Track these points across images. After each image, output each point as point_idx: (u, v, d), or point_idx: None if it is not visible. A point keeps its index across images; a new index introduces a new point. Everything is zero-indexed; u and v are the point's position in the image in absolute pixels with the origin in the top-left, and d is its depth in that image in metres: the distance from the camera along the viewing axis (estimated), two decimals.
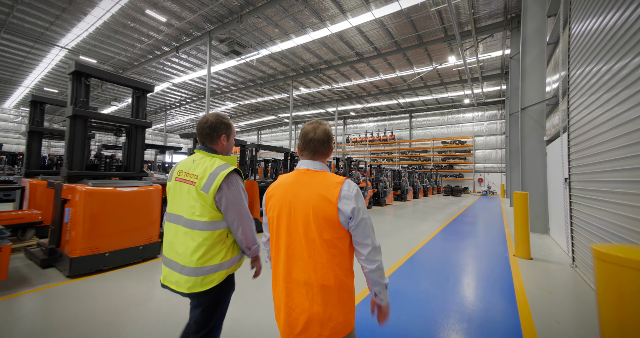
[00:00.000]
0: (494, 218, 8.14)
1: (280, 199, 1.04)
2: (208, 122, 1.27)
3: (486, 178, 21.25)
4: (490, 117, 21.40)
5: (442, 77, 17.20)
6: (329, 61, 14.97)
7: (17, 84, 19.21)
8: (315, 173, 1.04)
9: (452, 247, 4.58)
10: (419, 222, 7.02)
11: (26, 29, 11.77)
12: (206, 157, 1.27)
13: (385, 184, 10.58)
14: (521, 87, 5.74)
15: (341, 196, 0.95)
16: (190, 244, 1.19)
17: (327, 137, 1.06)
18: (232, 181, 1.22)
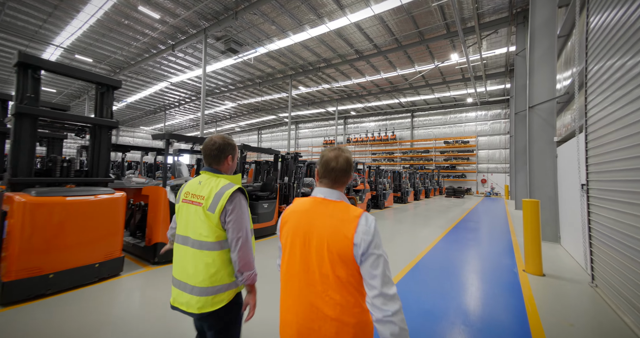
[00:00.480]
0: (499, 223, 7.76)
1: (295, 227, 1.02)
2: (216, 145, 1.31)
3: (489, 178, 20.79)
4: (494, 116, 20.93)
5: (444, 76, 16.78)
6: (328, 59, 14.62)
7: (8, 82, 19.08)
8: (332, 204, 1.00)
9: (454, 259, 4.21)
10: (419, 228, 6.67)
11: (19, 27, 11.55)
12: (212, 178, 1.31)
13: (385, 186, 10.21)
14: (529, 84, 5.36)
15: (358, 231, 0.91)
16: (199, 264, 1.22)
17: (348, 166, 1.03)
18: (235, 200, 1.25)
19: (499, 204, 13.59)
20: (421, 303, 2.67)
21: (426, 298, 2.80)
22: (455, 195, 16.83)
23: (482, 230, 6.58)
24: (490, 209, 11.16)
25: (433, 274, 3.56)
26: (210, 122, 32.92)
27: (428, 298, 2.79)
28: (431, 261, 4.07)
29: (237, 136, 40.44)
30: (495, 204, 13.96)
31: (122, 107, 25.10)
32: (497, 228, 6.90)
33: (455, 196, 16.84)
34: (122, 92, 21.10)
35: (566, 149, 4.49)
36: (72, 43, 13.02)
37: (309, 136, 31.90)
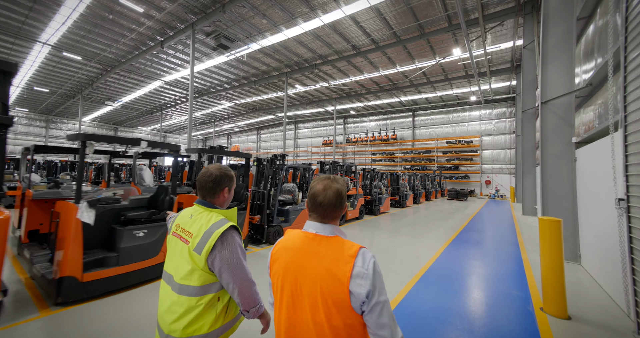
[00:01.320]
0: (506, 234, 6.97)
1: (285, 268, 0.92)
2: (212, 176, 1.20)
3: (494, 180, 19.98)
4: (499, 115, 20.12)
5: (446, 73, 16.04)
6: (324, 56, 13.98)
7: None
8: (325, 240, 0.90)
9: (451, 292, 3.29)
10: (415, 240, 5.95)
11: (1, 23, 11.07)
12: (204, 212, 1.20)
13: (381, 189, 9.49)
14: (541, 76, 4.68)
15: (354, 274, 0.80)
16: (176, 310, 1.09)
17: (339, 200, 0.93)
18: (227, 239, 1.11)
19: (504, 209, 12.81)
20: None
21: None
22: (457, 198, 16.06)
23: (487, 244, 5.79)
24: (496, 215, 10.41)
25: (422, 319, 2.64)
26: (208, 122, 32.47)
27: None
28: (424, 294, 3.21)
29: (236, 136, 39.99)
30: (500, 208, 13.19)
31: (118, 107, 24.71)
32: (504, 241, 6.12)
33: (457, 198, 16.07)
34: (117, 92, 20.68)
35: (589, 152, 3.79)
36: (59, 40, 12.55)
37: (308, 136, 31.30)
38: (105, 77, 16.95)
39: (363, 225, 7.75)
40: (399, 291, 3.28)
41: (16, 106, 24.79)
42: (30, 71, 16.50)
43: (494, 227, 7.78)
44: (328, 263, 0.84)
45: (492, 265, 4.42)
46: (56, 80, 17.97)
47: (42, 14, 10.37)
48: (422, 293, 3.25)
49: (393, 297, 3.14)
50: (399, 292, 3.26)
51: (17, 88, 19.81)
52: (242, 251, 1.14)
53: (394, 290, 3.31)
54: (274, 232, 5.19)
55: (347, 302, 0.79)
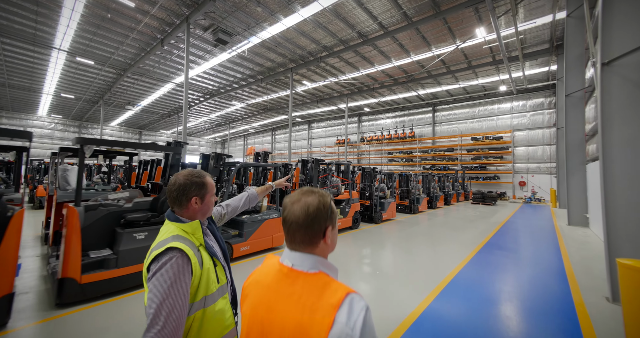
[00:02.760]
0: (546, 255, 5.07)
1: (252, 310, 0.73)
2: (176, 185, 1.07)
3: (530, 181, 17.44)
4: (535, 106, 17.58)
5: (469, 59, 14.18)
6: (329, 47, 12.96)
7: (39, 91, 20.17)
8: (302, 278, 0.68)
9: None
10: (408, 266, 4.36)
11: (17, 30, 11.58)
12: (167, 225, 1.08)
13: (385, 192, 8.10)
14: (601, 29, 3.21)
15: (332, 336, 0.58)
16: None
17: (304, 216, 0.69)
18: (161, 263, 0.93)
19: (543, 216, 10.72)
20: None
21: None
22: (484, 201, 13.98)
23: (516, 275, 4.02)
24: (531, 225, 8.51)
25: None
26: (223, 124, 32.92)
27: None
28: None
29: (252, 138, 40.30)
30: (537, 215, 11.10)
31: (138, 111, 25.77)
32: (543, 270, 4.23)
33: (484, 202, 13.99)
34: (134, 96, 21.40)
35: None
36: (71, 45, 12.94)
37: (322, 136, 30.39)
38: (120, 82, 17.47)
39: (350, 237, 6.28)
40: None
41: (52, 113, 26.89)
42: (54, 78, 17.48)
43: (528, 244, 5.92)
44: (301, 313, 0.63)
45: (526, 322, 2.70)
46: (78, 86, 18.92)
47: (49, 18, 10.59)
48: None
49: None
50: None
51: (49, 96, 21.31)
52: (179, 281, 0.92)
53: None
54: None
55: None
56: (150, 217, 3.38)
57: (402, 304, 3.10)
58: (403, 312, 2.90)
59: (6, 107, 24.94)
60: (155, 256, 0.94)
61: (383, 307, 3.03)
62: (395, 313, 2.89)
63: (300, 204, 0.70)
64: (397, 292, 3.43)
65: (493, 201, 13.51)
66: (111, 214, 3.30)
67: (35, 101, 22.67)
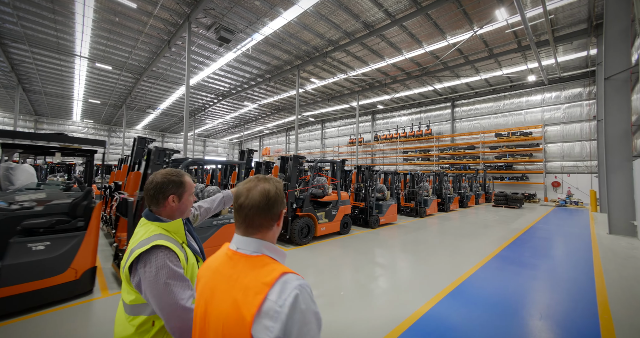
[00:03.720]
0: (574, 275, 3.95)
1: (200, 293, 0.76)
2: (152, 183, 1.08)
3: (565, 181, 15.49)
4: (571, 97, 15.61)
5: (490, 47, 12.87)
6: (334, 41, 12.42)
7: (70, 97, 21.83)
8: (244, 260, 0.71)
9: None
10: (391, 282, 3.66)
11: (42, 39, 12.42)
12: (143, 225, 1.10)
13: (384, 193, 7.29)
14: None
15: (261, 312, 0.60)
16: (117, 327, 1.05)
17: (265, 201, 0.73)
18: (149, 261, 0.96)
19: (578, 222, 9.25)
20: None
21: None
22: (508, 204, 12.43)
23: (525, 311, 2.92)
24: (560, 233, 7.23)
25: None
26: (238, 125, 33.56)
27: None
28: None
29: (267, 139, 40.74)
30: (571, 220, 9.63)
31: (158, 114, 27.01)
32: (564, 301, 3.19)
33: (507, 205, 12.45)
34: (153, 100, 22.39)
35: None
36: (90, 52, 13.69)
37: (335, 136, 29.81)
38: (138, 86, 18.30)
39: (333, 244, 5.51)
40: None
41: (84, 118, 29.12)
42: (81, 85, 18.75)
43: (550, 257, 4.85)
44: (237, 292, 0.66)
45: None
46: (103, 91, 20.16)
47: (66, 25, 11.19)
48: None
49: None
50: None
51: (79, 102, 23.01)
52: (173, 273, 0.97)
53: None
54: None
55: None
56: (55, 223, 2.78)
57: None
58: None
59: (46, 114, 27.43)
60: (140, 255, 0.95)
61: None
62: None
63: (258, 190, 0.73)
64: (355, 322, 2.67)
65: (518, 204, 12.00)
66: (6, 220, 2.67)
67: (68, 107, 24.60)
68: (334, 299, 3.15)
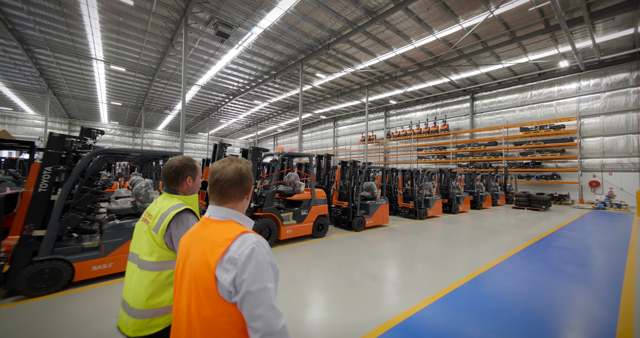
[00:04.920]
0: (588, 312, 2.82)
1: (179, 254, 0.91)
2: (173, 168, 1.32)
3: (606, 180, 13.49)
4: (613, 84, 13.55)
5: (511, 29, 11.48)
6: (336, 31, 11.81)
7: (95, 100, 23.36)
8: (214, 224, 0.86)
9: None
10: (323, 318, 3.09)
11: (60, 44, 13.20)
12: (167, 198, 1.33)
13: (374, 192, 6.49)
14: None
15: (223, 259, 0.75)
16: (139, 284, 1.20)
17: (238, 176, 0.89)
18: (181, 220, 1.23)
19: (616, 229, 7.78)
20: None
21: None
22: (530, 206, 10.88)
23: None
24: (588, 242, 5.96)
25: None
26: (252, 125, 33.98)
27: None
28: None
29: (281, 138, 40.90)
30: (607, 226, 8.17)
31: (175, 115, 28.10)
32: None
33: (530, 207, 10.90)
34: (168, 100, 23.25)
35: None
36: (104, 55, 14.35)
37: (347, 134, 29.04)
38: (152, 87, 19.03)
39: (299, 250, 4.80)
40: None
41: (111, 120, 31.15)
42: (102, 87, 19.90)
43: (563, 275, 3.80)
44: (206, 247, 0.80)
45: None
46: (122, 94, 21.26)
47: (77, 28, 11.73)
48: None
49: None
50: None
51: (104, 104, 24.56)
52: None
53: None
54: None
55: (214, 289, 0.74)
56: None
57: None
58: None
59: (78, 117, 29.74)
60: (175, 215, 1.22)
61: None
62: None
63: (232, 168, 0.88)
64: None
65: (543, 206, 10.45)
66: None
67: (96, 109, 26.39)
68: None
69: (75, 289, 3.09)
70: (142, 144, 27.21)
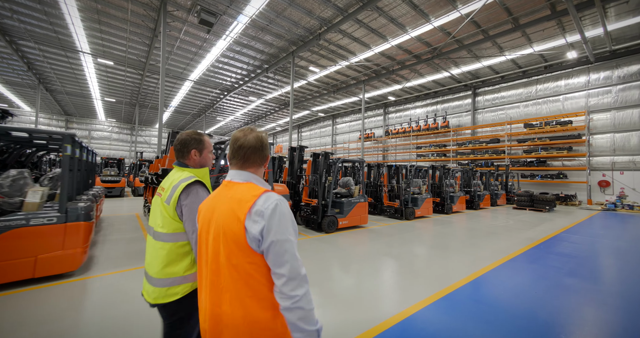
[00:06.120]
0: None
1: (203, 217, 0.99)
2: (179, 140, 1.37)
3: (617, 179, 12.56)
4: (626, 77, 12.62)
5: (514, 15, 10.67)
6: (327, 19, 11.17)
7: (89, 96, 23.08)
8: (237, 185, 0.94)
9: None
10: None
11: (43, 35, 12.79)
12: (178, 171, 1.36)
13: (350, 189, 5.76)
14: None
15: (252, 212, 0.84)
16: (156, 255, 1.25)
17: (259, 144, 0.97)
18: (191, 192, 1.25)
19: (628, 232, 6.96)
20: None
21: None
22: (533, 206, 10.00)
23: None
24: (595, 248, 5.24)
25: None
26: (249, 122, 33.49)
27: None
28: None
29: (280, 136, 40.34)
30: (618, 229, 7.36)
31: (172, 112, 27.75)
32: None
33: (533, 207, 10.03)
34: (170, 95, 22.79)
35: None
36: (89, 47, 13.92)
37: (346, 132, 28.35)
38: (144, 82, 18.61)
39: None
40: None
41: (107, 117, 30.96)
42: (94, 83, 19.56)
43: (564, 292, 3.07)
44: (233, 203, 0.88)
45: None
46: (115, 89, 20.91)
47: (57, 17, 11.28)
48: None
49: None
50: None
51: (98, 101, 24.28)
52: None
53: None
54: None
55: (243, 239, 0.82)
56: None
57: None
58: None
59: (75, 114, 29.60)
60: (186, 187, 1.24)
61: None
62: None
63: (253, 136, 0.97)
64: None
65: (547, 207, 9.58)
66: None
67: (91, 106, 26.14)
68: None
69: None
70: (135, 141, 26.91)
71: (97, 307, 2.53)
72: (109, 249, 4.34)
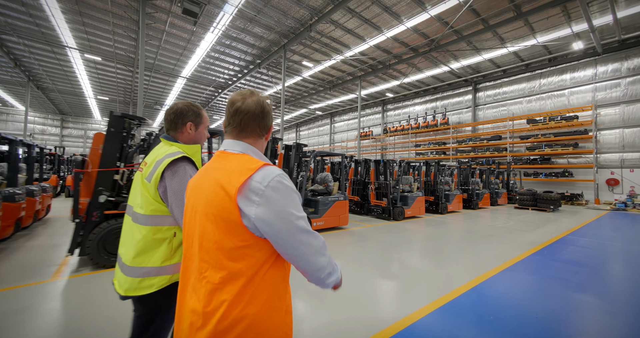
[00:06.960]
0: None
1: (189, 191, 0.84)
2: (173, 109, 1.19)
3: (627, 177, 11.82)
4: (636, 69, 11.89)
5: (516, 2, 10.00)
6: (317, 9, 10.60)
7: (82, 95, 22.73)
8: (231, 156, 0.78)
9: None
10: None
11: (25, 29, 12.38)
12: (165, 145, 1.18)
13: (328, 185, 5.14)
14: None
15: (246, 188, 0.67)
16: (132, 239, 1.09)
17: (260, 110, 0.79)
18: (177, 170, 1.07)
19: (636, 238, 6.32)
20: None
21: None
22: (536, 206, 9.30)
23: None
24: (609, 253, 4.64)
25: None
26: None
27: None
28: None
29: (277, 135, 39.91)
30: (630, 231, 6.70)
31: None
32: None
33: (536, 207, 9.35)
34: (156, 95, 22.44)
35: None
36: (75, 42, 13.49)
37: (344, 130, 27.77)
38: (135, 79, 18.18)
39: None
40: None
41: (103, 116, 30.67)
42: (85, 80, 19.17)
43: (563, 304, 2.58)
44: (221, 176, 0.72)
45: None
46: (107, 87, 20.52)
47: (36, 9, 10.83)
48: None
49: None
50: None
51: (91, 99, 23.93)
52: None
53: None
54: None
55: (238, 220, 0.67)
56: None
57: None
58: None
59: (70, 113, 29.32)
60: (170, 163, 1.05)
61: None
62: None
63: (254, 99, 0.78)
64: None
65: (552, 206, 8.90)
66: None
67: (85, 105, 25.82)
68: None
69: None
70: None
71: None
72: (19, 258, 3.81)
